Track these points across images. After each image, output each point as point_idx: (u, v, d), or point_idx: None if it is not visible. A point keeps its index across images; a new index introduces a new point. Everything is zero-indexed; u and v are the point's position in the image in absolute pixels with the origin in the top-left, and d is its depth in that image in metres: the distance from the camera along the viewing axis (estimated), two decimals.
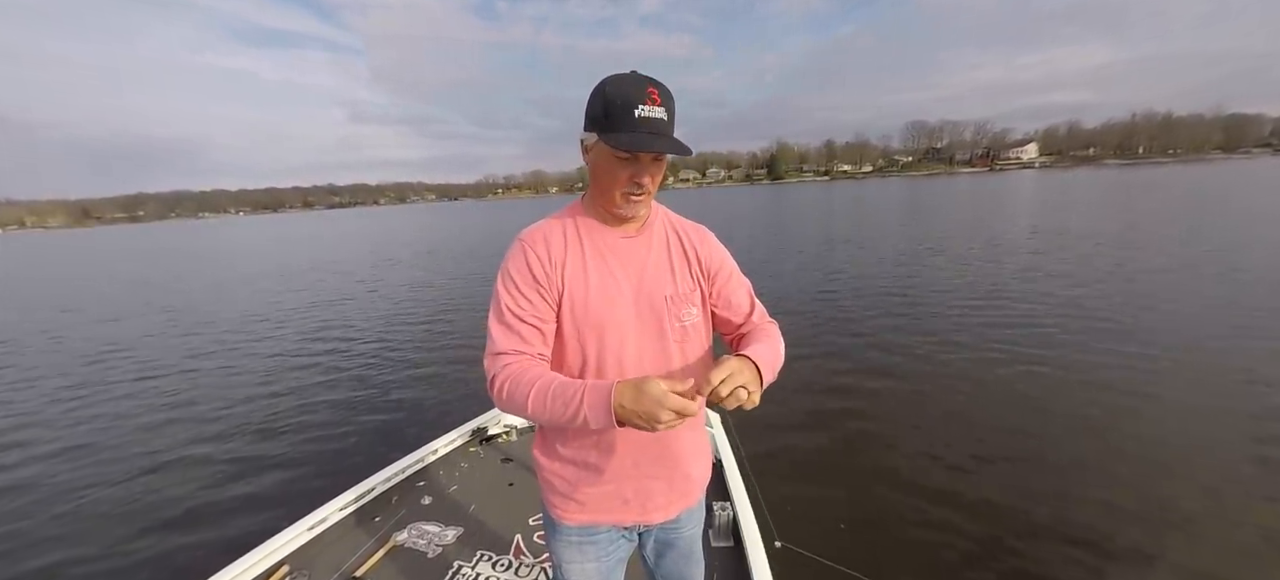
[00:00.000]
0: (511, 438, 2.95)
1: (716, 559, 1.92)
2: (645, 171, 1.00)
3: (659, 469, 1.14)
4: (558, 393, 0.92)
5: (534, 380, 0.95)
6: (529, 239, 1.07)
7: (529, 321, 1.02)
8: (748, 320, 1.18)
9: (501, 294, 1.04)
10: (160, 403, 5.42)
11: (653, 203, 1.14)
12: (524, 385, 0.95)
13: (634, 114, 0.93)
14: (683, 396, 0.85)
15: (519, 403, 0.95)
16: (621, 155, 0.97)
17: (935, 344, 5.68)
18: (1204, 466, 3.24)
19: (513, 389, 0.96)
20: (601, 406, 0.87)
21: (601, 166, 1.02)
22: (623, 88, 0.95)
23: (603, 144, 0.97)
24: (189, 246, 33.89)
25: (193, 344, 7.77)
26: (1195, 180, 34.12)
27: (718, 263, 1.17)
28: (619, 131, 0.94)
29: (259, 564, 1.95)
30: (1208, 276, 7.82)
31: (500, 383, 0.98)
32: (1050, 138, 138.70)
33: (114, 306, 11.66)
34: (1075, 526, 2.79)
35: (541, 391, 0.93)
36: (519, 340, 1.02)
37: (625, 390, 0.86)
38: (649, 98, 0.94)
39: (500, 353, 1.01)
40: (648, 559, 1.29)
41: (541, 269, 1.03)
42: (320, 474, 3.76)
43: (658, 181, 1.04)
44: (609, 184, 1.02)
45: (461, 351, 6.59)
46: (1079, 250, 10.72)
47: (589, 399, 0.88)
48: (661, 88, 0.96)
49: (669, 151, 0.97)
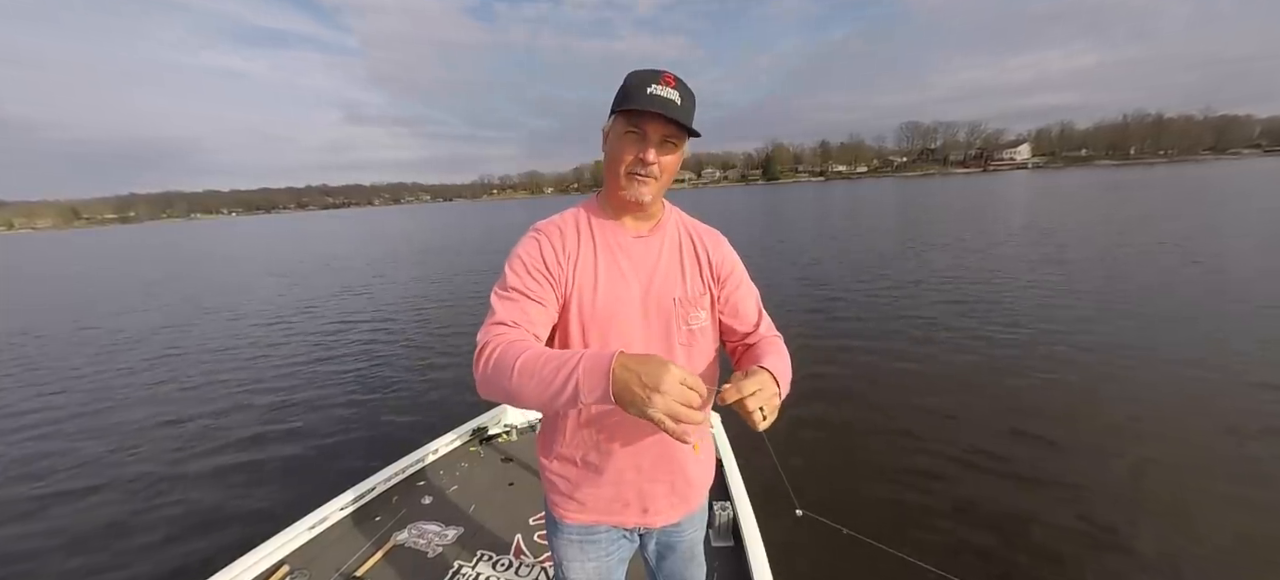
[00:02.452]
0: (512, 438, 2.94)
1: (717, 559, 1.92)
2: (650, 146, 0.99)
3: (661, 472, 1.13)
4: (550, 358, 0.83)
5: (523, 350, 0.87)
6: (544, 228, 1.07)
7: (533, 298, 1.00)
8: (754, 331, 1.16)
9: (508, 273, 1.03)
10: (160, 402, 5.38)
11: (666, 203, 1.14)
12: (513, 352, 0.87)
13: (646, 91, 0.96)
14: (694, 399, 0.77)
15: (505, 369, 0.85)
16: (631, 129, 0.99)
17: (971, 335, 5.78)
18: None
19: (502, 356, 0.88)
20: (599, 372, 0.77)
21: (613, 147, 1.03)
22: (641, 73, 0.98)
23: (616, 120, 1.01)
24: (185, 246, 33.62)
25: (193, 343, 7.71)
26: (1193, 180, 34.53)
27: (729, 268, 1.16)
28: (630, 104, 0.97)
29: (259, 563, 1.95)
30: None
31: (490, 350, 0.90)
32: (1043, 138, 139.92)
33: (109, 305, 11.56)
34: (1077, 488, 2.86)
35: (532, 358, 0.84)
36: (519, 313, 0.98)
37: (631, 358, 0.78)
38: (663, 80, 0.97)
39: (495, 319, 0.96)
40: (649, 560, 1.29)
41: (554, 258, 1.03)
42: (321, 473, 3.75)
43: (667, 169, 1.03)
44: (617, 163, 1.02)
45: (461, 351, 6.57)
46: (1101, 243, 11.00)
47: (586, 365, 0.79)
48: (680, 79, 0.98)
49: (675, 116, 0.96)
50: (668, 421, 0.74)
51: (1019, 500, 2.99)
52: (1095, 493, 3.01)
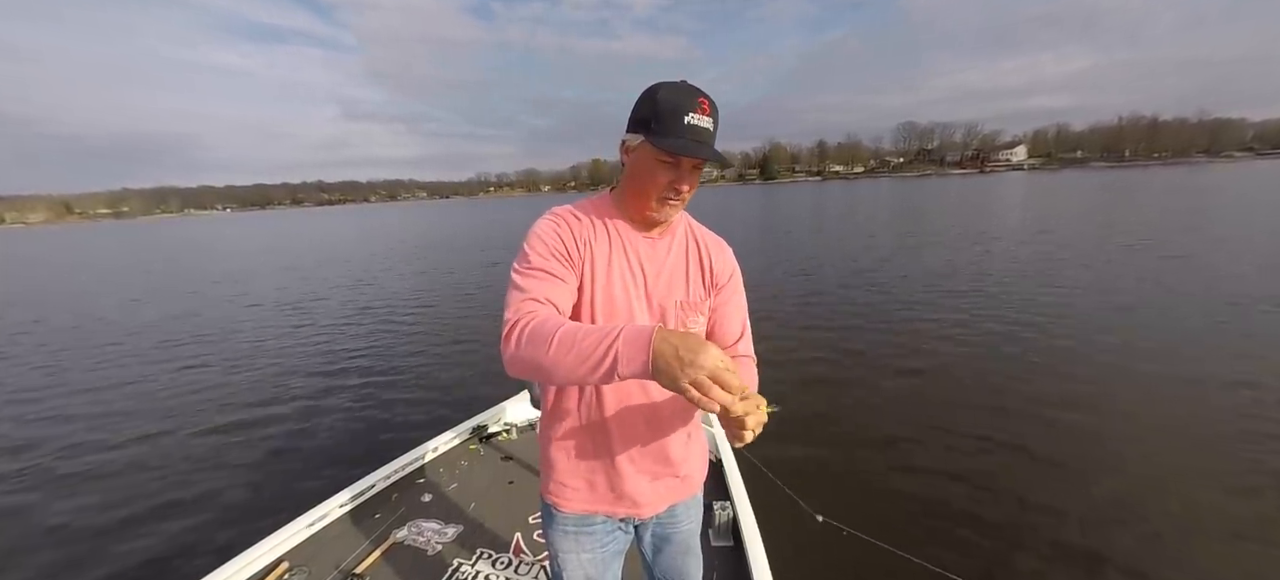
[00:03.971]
0: (512, 436, 2.95)
1: (716, 559, 1.93)
2: (685, 178, 1.01)
3: (651, 463, 1.16)
4: (590, 331, 0.84)
5: (561, 323, 0.88)
6: (561, 213, 1.09)
7: (556, 276, 1.01)
8: (732, 347, 1.18)
9: (530, 252, 1.03)
10: (160, 401, 5.35)
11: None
12: (551, 325, 0.88)
13: (684, 121, 0.95)
14: (731, 380, 0.78)
15: (542, 340, 0.86)
16: (665, 159, 0.99)
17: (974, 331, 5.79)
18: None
19: (538, 328, 0.88)
20: (640, 344, 0.79)
21: (643, 168, 1.02)
22: (675, 95, 0.96)
23: (648, 145, 0.99)
24: (180, 242, 33.41)
25: (193, 340, 7.66)
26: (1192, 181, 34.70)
27: (727, 278, 1.18)
28: (667, 135, 0.96)
29: (259, 560, 1.95)
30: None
31: (523, 324, 0.90)
32: (1039, 140, 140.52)
33: (105, 303, 11.48)
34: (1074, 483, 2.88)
35: (571, 331, 0.85)
36: (546, 289, 0.98)
37: (671, 332, 0.80)
38: (699, 107, 0.96)
39: (526, 299, 0.96)
40: (645, 553, 1.31)
41: (572, 242, 1.05)
42: (320, 471, 3.74)
43: (694, 189, 1.05)
44: (648, 186, 1.03)
45: (462, 349, 6.57)
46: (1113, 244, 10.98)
47: (626, 334, 0.80)
48: (711, 100, 0.97)
49: (714, 159, 0.98)
50: (692, 391, 0.76)
51: (1022, 501, 2.99)
52: (1105, 495, 2.99)
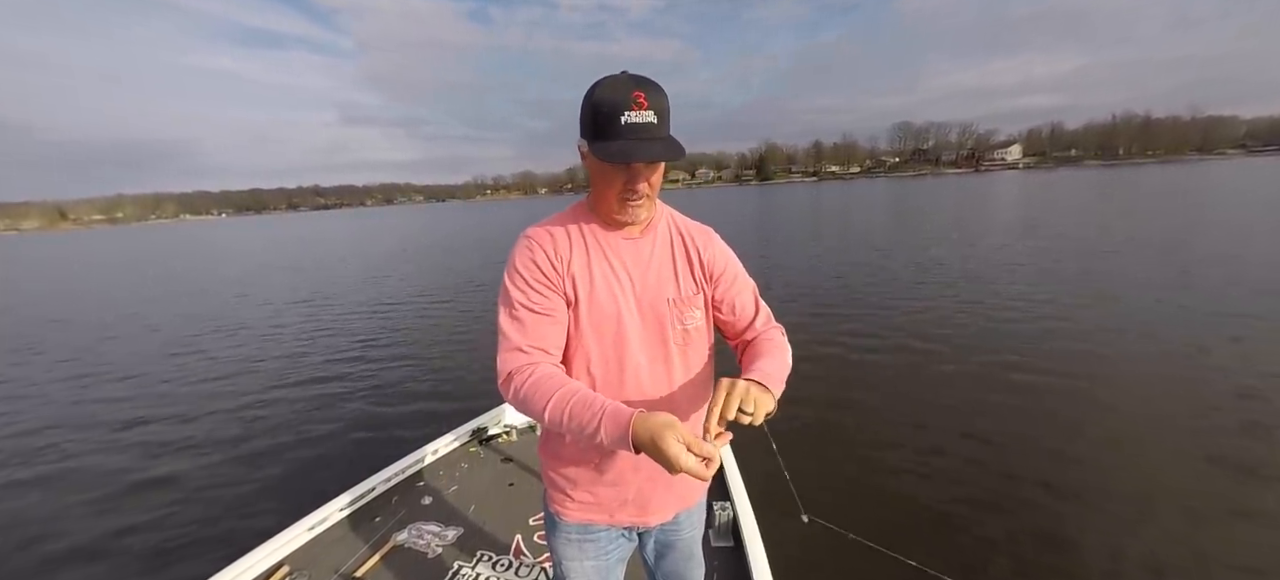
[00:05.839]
0: (511, 438, 2.94)
1: (716, 559, 1.93)
2: (640, 177, 0.97)
3: (659, 472, 1.14)
4: (576, 411, 0.90)
5: (554, 390, 0.93)
6: (535, 235, 1.06)
7: (541, 312, 1.01)
8: (751, 326, 1.16)
9: (511, 289, 1.02)
10: (160, 403, 5.34)
11: (657, 202, 1.12)
12: (543, 392, 0.93)
13: (620, 122, 0.90)
14: (699, 451, 0.82)
15: (535, 409, 0.94)
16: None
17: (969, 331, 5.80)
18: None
19: (531, 392, 0.94)
20: (618, 437, 0.85)
21: (597, 173, 1.00)
22: (609, 94, 0.91)
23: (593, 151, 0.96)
24: (178, 247, 33.27)
25: (194, 344, 7.64)
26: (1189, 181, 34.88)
27: (722, 265, 1.14)
28: (606, 139, 0.91)
29: (259, 564, 1.94)
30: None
31: (517, 384, 0.96)
32: (1034, 139, 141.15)
33: (104, 308, 11.44)
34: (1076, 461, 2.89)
35: (561, 402, 0.91)
36: (534, 335, 1.00)
37: (642, 430, 0.83)
38: (635, 103, 0.90)
39: (516, 349, 0.99)
40: (648, 559, 1.30)
41: (549, 264, 1.02)
42: (320, 474, 3.74)
43: (657, 183, 1.02)
44: (606, 191, 1.00)
45: (461, 351, 6.56)
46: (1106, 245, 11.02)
47: (607, 426, 0.87)
48: (650, 88, 0.92)
49: (658, 158, 0.94)
50: (686, 474, 0.82)
51: (1024, 501, 2.99)
52: (1107, 493, 2.99)
